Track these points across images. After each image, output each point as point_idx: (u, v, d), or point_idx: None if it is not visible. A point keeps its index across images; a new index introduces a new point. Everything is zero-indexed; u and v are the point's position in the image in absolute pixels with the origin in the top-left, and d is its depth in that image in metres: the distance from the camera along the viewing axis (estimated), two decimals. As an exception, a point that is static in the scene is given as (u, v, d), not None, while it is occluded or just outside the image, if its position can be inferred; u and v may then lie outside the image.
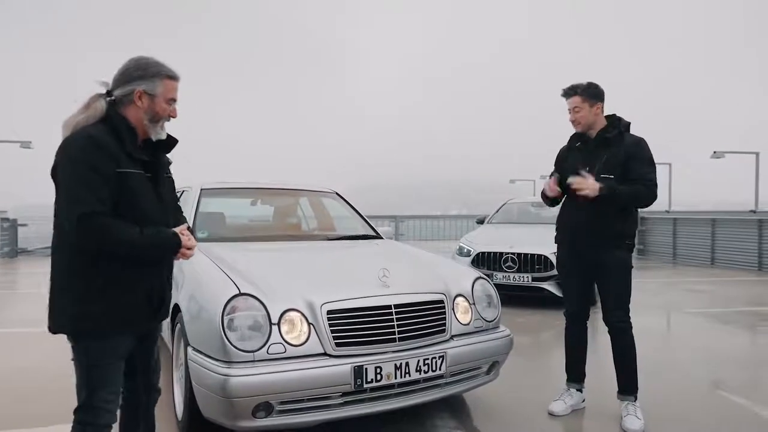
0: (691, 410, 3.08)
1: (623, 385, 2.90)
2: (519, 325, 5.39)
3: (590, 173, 2.85)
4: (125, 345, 1.80)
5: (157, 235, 1.75)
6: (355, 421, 2.63)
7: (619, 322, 2.87)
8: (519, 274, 6.10)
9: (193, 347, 2.44)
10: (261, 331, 2.30)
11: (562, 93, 2.94)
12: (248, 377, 2.18)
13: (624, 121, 2.93)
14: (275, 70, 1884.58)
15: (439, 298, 2.69)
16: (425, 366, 2.49)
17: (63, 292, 1.72)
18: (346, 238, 3.92)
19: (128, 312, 1.75)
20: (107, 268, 1.69)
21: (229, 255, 2.93)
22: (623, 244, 2.89)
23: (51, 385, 3.30)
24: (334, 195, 4.43)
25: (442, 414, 2.94)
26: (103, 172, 1.64)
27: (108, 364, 1.75)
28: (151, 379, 1.99)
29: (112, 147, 1.68)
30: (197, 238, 3.40)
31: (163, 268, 1.87)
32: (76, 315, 1.69)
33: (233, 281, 2.45)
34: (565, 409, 2.99)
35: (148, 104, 1.77)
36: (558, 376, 3.22)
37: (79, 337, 1.73)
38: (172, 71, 1.80)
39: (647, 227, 13.35)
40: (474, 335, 2.77)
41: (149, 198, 1.79)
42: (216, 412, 2.29)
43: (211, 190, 3.90)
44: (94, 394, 1.73)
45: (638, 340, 2.92)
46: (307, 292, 2.46)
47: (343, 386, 2.31)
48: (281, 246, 3.49)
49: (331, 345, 2.35)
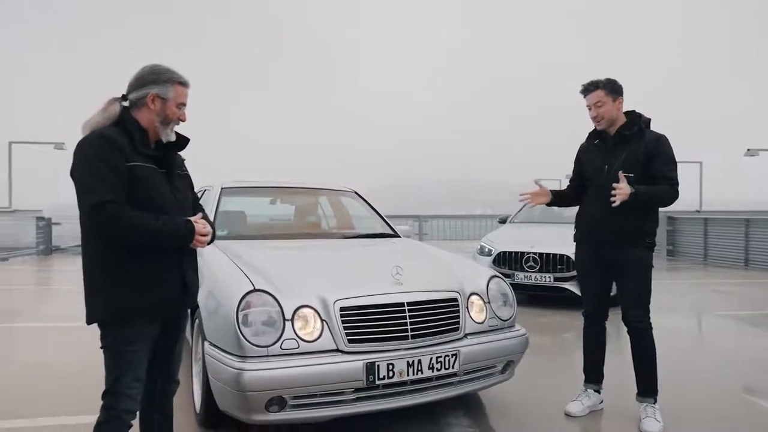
0: (715, 414, 3.01)
1: (642, 386, 2.85)
2: (540, 325, 5.34)
3: (609, 171, 2.81)
4: (150, 333, 1.88)
5: (170, 221, 1.82)
6: (369, 417, 2.66)
7: (638, 322, 2.82)
8: (540, 274, 6.03)
9: (210, 342, 2.49)
10: (275, 326, 2.34)
11: (581, 90, 2.90)
12: (262, 372, 2.22)
13: (644, 117, 2.87)
14: (281, 70, 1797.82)
15: (453, 296, 2.69)
16: (438, 364, 2.49)
17: (93, 286, 1.82)
18: (364, 236, 3.94)
19: (154, 300, 1.83)
20: (131, 260, 1.78)
21: (246, 252, 2.99)
22: (643, 242, 2.84)
23: (78, 377, 3.42)
24: (352, 194, 4.46)
25: (456, 412, 2.94)
26: (114, 165, 1.74)
27: (132, 351, 1.82)
28: (171, 369, 2.06)
29: (123, 144, 1.79)
30: (217, 236, 3.49)
31: (183, 256, 1.93)
32: (105, 305, 1.80)
33: (248, 278, 2.50)
34: (583, 410, 2.95)
35: (160, 107, 1.88)
36: (577, 377, 3.17)
37: (107, 325, 1.83)
38: (183, 78, 1.92)
39: (676, 227, 13.02)
40: (488, 334, 2.76)
41: (163, 190, 1.87)
42: (231, 406, 2.34)
43: (231, 189, 3.97)
44: (118, 380, 1.81)
45: (663, 341, 2.86)
46: (321, 288, 2.49)
47: (355, 382, 2.33)
48: (298, 244, 3.53)
49: (344, 341, 2.37)
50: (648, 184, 2.75)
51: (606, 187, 2.77)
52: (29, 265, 10.76)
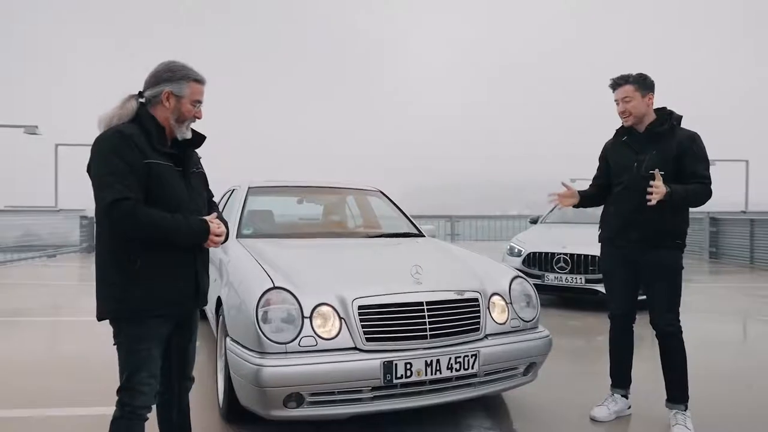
0: (751, 424, 2.87)
1: (672, 392, 2.75)
2: (570, 328, 5.22)
3: (638, 169, 2.72)
4: (162, 330, 1.89)
5: (185, 220, 1.83)
6: (388, 417, 2.66)
7: (667, 325, 2.72)
8: (572, 275, 5.89)
9: (232, 338, 2.54)
10: (293, 323, 2.36)
11: (610, 83, 2.82)
12: (280, 368, 2.25)
13: (675, 114, 2.77)
14: (313, 67, 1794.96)
15: (474, 296, 2.66)
16: (457, 364, 2.47)
17: (104, 281, 1.84)
18: (388, 235, 3.94)
19: (164, 298, 1.84)
20: (143, 256, 1.79)
21: (270, 250, 3.03)
22: (673, 243, 2.74)
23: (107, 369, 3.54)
24: (378, 193, 4.47)
25: (477, 413, 2.91)
26: (131, 162, 1.76)
27: (145, 349, 1.84)
28: (184, 367, 2.07)
29: (140, 141, 1.80)
30: (242, 234, 3.56)
31: (196, 255, 1.94)
32: (116, 301, 1.81)
33: (269, 275, 2.54)
34: (609, 415, 2.87)
35: (174, 104, 1.88)
36: (606, 382, 3.07)
37: (119, 322, 1.84)
38: (198, 75, 1.91)
39: (720, 229, 12.50)
40: (510, 335, 2.71)
41: (179, 189, 1.88)
42: (251, 401, 2.38)
43: (258, 189, 4.05)
44: (132, 377, 1.83)
45: (701, 347, 2.76)
46: (340, 287, 2.51)
47: (373, 381, 2.33)
48: (321, 242, 3.56)
49: (362, 340, 2.38)
50: (678, 183, 2.65)
51: (635, 185, 2.69)
52: (73, 262, 11.23)
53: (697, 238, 13.13)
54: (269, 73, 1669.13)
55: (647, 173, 2.66)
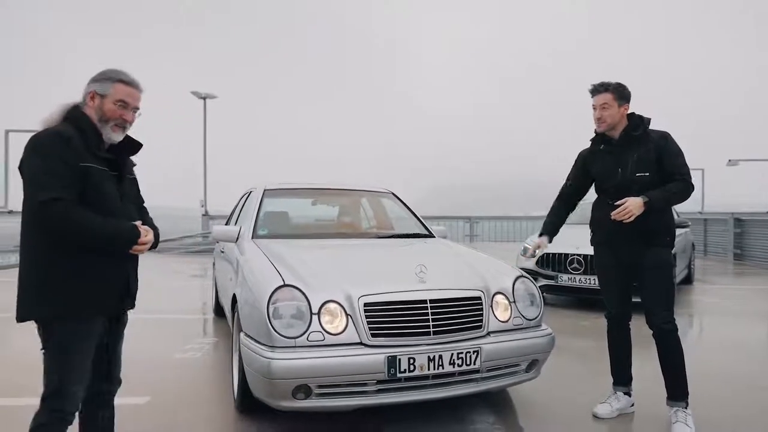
0: (756, 423, 2.89)
1: (672, 390, 2.79)
2: (582, 328, 5.25)
3: (623, 174, 2.81)
4: (93, 332, 1.87)
5: (118, 225, 1.84)
6: (393, 410, 2.77)
7: (663, 323, 2.77)
8: (585, 276, 5.91)
9: (245, 333, 2.68)
10: (302, 319, 2.49)
11: (590, 89, 2.91)
12: (289, 361, 2.38)
13: (645, 118, 2.88)
14: (325, 67, 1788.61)
15: (476, 295, 2.75)
16: (459, 360, 2.56)
17: (31, 282, 1.80)
18: (398, 236, 4.05)
19: (94, 298, 1.84)
20: (76, 255, 1.79)
21: (283, 250, 3.17)
22: (663, 241, 2.82)
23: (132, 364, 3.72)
24: (390, 195, 4.59)
25: (481, 409, 2.99)
26: (67, 162, 1.75)
27: (77, 352, 1.82)
28: (113, 370, 2.05)
29: (77, 142, 1.80)
30: (258, 235, 3.71)
31: (127, 257, 1.94)
32: (46, 301, 1.78)
33: (280, 274, 2.67)
34: (611, 412, 2.93)
35: (98, 104, 1.89)
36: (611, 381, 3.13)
37: (49, 324, 1.81)
38: (126, 77, 1.92)
39: (744, 230, 12.28)
40: (512, 332, 2.79)
41: (112, 194, 1.88)
42: (262, 392, 2.51)
43: (273, 191, 4.20)
44: (64, 380, 1.79)
45: (715, 348, 2.78)
46: (347, 285, 2.62)
47: (378, 374, 2.44)
48: (332, 243, 3.69)
49: (367, 335, 2.49)
50: (663, 182, 2.76)
51: (623, 188, 2.79)
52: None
53: (721, 240, 12.93)
54: (283, 74, 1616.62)
55: (634, 176, 2.78)
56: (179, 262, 11.21)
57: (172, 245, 13.51)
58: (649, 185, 2.76)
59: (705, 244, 13.47)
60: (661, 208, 2.75)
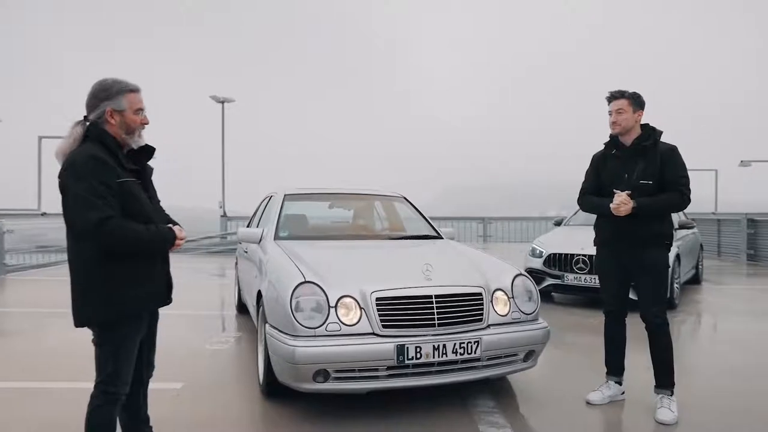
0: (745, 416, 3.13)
1: (659, 378, 3.06)
2: (587, 326, 5.47)
3: (629, 179, 3.04)
4: (143, 326, 2.12)
5: (158, 230, 2.04)
6: (401, 393, 3.07)
7: (655, 317, 3.02)
8: (590, 275, 6.14)
9: (270, 324, 3.01)
10: (321, 312, 2.81)
11: (607, 95, 3.14)
12: (310, 348, 2.70)
13: (657, 130, 3.09)
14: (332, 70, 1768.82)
15: (478, 291, 3.05)
16: (461, 349, 2.86)
17: (88, 290, 1.97)
18: (408, 237, 4.36)
19: (147, 297, 2.08)
20: (125, 260, 1.98)
21: (303, 250, 3.50)
22: (661, 242, 3.07)
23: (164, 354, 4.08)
24: (401, 199, 4.90)
25: (482, 395, 3.28)
26: (108, 183, 1.91)
27: (131, 345, 2.06)
28: (150, 356, 2.29)
29: (110, 162, 1.95)
30: (279, 236, 4.04)
31: (166, 258, 2.19)
32: (111, 307, 1.97)
33: (301, 271, 3.00)
34: (602, 399, 3.20)
35: (119, 120, 2.01)
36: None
37: (108, 325, 2.00)
38: (132, 85, 2.04)
39: (758, 231, 12.31)
40: (511, 325, 3.09)
41: (145, 201, 2.07)
42: (286, 376, 2.84)
43: (293, 195, 4.55)
44: (120, 368, 2.02)
45: (723, 345, 2.96)
46: (361, 281, 2.95)
47: (388, 361, 2.76)
48: (348, 244, 4.02)
49: (378, 326, 2.80)
50: (662, 190, 3.00)
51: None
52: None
53: (734, 240, 12.96)
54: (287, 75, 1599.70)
55: (639, 182, 3.01)
56: (200, 261, 11.63)
57: (191, 245, 13.88)
58: (649, 193, 2.99)
59: (719, 245, 13.51)
60: (647, 215, 2.98)
